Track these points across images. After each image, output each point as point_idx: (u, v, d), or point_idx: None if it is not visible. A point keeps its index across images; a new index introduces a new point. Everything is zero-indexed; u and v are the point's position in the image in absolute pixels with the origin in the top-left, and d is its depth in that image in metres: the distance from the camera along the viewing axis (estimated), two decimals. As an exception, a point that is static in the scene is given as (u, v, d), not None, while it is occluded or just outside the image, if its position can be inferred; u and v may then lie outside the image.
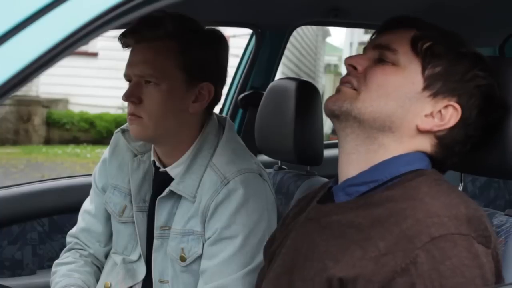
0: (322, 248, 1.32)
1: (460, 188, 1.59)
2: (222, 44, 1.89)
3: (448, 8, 2.46)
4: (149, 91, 1.78)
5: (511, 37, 3.05)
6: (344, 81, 1.40)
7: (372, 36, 1.46)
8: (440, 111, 1.35)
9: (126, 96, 1.79)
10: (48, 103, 12.89)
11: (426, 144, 1.38)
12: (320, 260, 1.31)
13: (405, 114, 1.35)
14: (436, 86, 1.34)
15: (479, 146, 1.41)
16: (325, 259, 1.30)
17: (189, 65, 1.80)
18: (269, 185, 1.88)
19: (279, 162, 2.43)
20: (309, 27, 15.72)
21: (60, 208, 2.70)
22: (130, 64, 1.81)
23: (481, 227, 1.24)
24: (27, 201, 2.68)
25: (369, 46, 1.43)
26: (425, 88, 1.35)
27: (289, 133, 2.13)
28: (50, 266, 2.11)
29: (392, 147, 1.36)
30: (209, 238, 1.79)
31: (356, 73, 1.39)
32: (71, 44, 1.01)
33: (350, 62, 1.40)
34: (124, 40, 1.82)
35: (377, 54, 1.39)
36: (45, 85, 12.99)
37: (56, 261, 2.06)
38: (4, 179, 8.91)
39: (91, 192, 2.10)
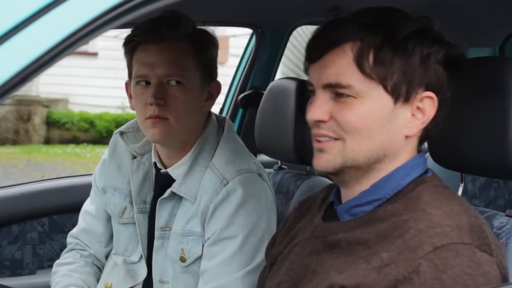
0: (330, 262, 1.33)
1: (461, 188, 1.59)
2: (218, 43, 1.91)
3: (448, 8, 2.45)
4: (173, 91, 1.77)
5: (511, 37, 3.05)
6: (319, 135, 1.34)
7: (306, 66, 1.39)
8: (418, 107, 1.32)
9: (156, 98, 1.75)
10: (48, 103, 12.89)
11: (415, 141, 1.36)
12: (325, 272, 1.32)
13: (392, 135, 1.32)
14: (403, 92, 1.30)
15: None
16: (330, 271, 1.31)
17: (204, 65, 1.83)
18: (269, 185, 1.88)
19: (279, 162, 2.43)
20: (309, 27, 15.70)
21: (60, 208, 2.70)
22: (149, 65, 1.77)
23: (483, 235, 1.24)
24: (27, 201, 2.67)
25: (317, 86, 1.35)
26: (396, 100, 1.31)
27: (289, 133, 2.13)
28: (50, 266, 2.11)
29: (390, 166, 1.35)
30: (209, 238, 1.79)
31: (325, 124, 1.33)
32: (71, 44, 1.01)
33: (315, 118, 1.33)
34: (137, 39, 1.79)
35: (332, 92, 1.32)
36: (45, 85, 12.98)
37: (57, 261, 2.06)
38: (4, 179, 8.91)
39: (92, 192, 2.09)
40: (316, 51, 1.34)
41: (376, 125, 1.30)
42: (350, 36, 1.30)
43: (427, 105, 1.32)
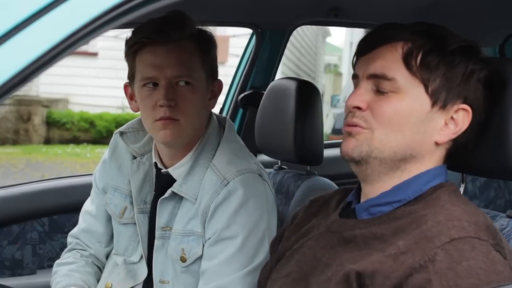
0: (345, 256, 1.35)
1: (461, 189, 1.59)
2: (216, 43, 1.91)
3: (448, 8, 2.46)
4: (183, 92, 1.77)
5: (511, 37, 3.05)
6: (351, 124, 1.37)
7: (353, 60, 1.44)
8: (452, 117, 1.36)
9: (167, 99, 1.74)
10: (48, 103, 12.88)
11: (443, 151, 1.39)
12: (340, 264, 1.34)
13: (423, 137, 1.36)
14: (442, 97, 1.35)
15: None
16: (345, 263, 1.33)
17: (208, 65, 1.84)
18: (269, 185, 1.88)
19: (279, 162, 2.43)
20: (309, 27, 15.72)
21: (60, 208, 2.70)
22: (158, 66, 1.76)
23: (497, 237, 1.27)
24: (27, 201, 2.67)
25: (361, 76, 1.39)
26: (433, 104, 1.35)
27: (289, 133, 2.13)
28: (50, 266, 2.12)
29: (415, 168, 1.38)
30: (209, 238, 1.79)
31: (361, 112, 1.36)
32: (71, 44, 1.01)
33: (353, 104, 1.37)
34: (146, 41, 1.77)
35: (375, 84, 1.37)
36: (45, 85, 12.99)
37: (57, 261, 2.06)
38: (4, 178, 8.91)
39: (92, 192, 2.09)
40: (367, 46, 1.40)
41: (409, 122, 1.34)
42: (403, 37, 1.36)
43: (461, 117, 1.36)
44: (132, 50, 1.81)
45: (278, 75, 3.02)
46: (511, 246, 1.32)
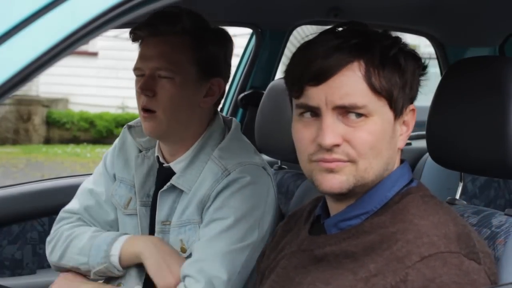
0: (316, 275, 1.33)
1: (460, 187, 1.59)
2: (230, 43, 1.93)
3: (448, 8, 2.46)
4: (163, 84, 1.80)
5: (511, 37, 3.05)
6: (331, 160, 1.29)
7: (300, 89, 1.33)
8: (404, 120, 1.35)
9: (142, 89, 1.79)
10: (48, 103, 12.89)
11: (400, 152, 1.39)
12: (311, 283, 1.32)
13: (394, 150, 1.35)
14: (399, 107, 1.33)
15: None
16: (316, 282, 1.31)
17: (202, 61, 1.84)
18: (272, 181, 1.87)
19: (279, 161, 2.43)
20: (309, 27, 15.72)
21: (60, 208, 2.69)
22: (144, 58, 1.82)
23: (470, 244, 1.25)
24: (27, 201, 2.68)
25: (325, 108, 1.29)
26: (396, 117, 1.33)
27: (289, 133, 2.12)
28: (50, 266, 2.11)
29: (380, 175, 1.35)
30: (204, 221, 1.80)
31: (339, 147, 1.29)
32: (71, 44, 1.01)
33: (332, 143, 1.28)
34: (138, 33, 1.83)
35: (340, 114, 1.29)
36: (45, 85, 12.98)
37: (65, 226, 2.01)
38: (4, 178, 8.91)
39: (99, 175, 2.04)
40: (322, 74, 1.29)
41: (384, 142, 1.32)
42: (354, 56, 1.29)
43: (410, 117, 1.36)
44: (136, 41, 1.86)
45: (278, 75, 3.03)
46: (486, 246, 1.31)
